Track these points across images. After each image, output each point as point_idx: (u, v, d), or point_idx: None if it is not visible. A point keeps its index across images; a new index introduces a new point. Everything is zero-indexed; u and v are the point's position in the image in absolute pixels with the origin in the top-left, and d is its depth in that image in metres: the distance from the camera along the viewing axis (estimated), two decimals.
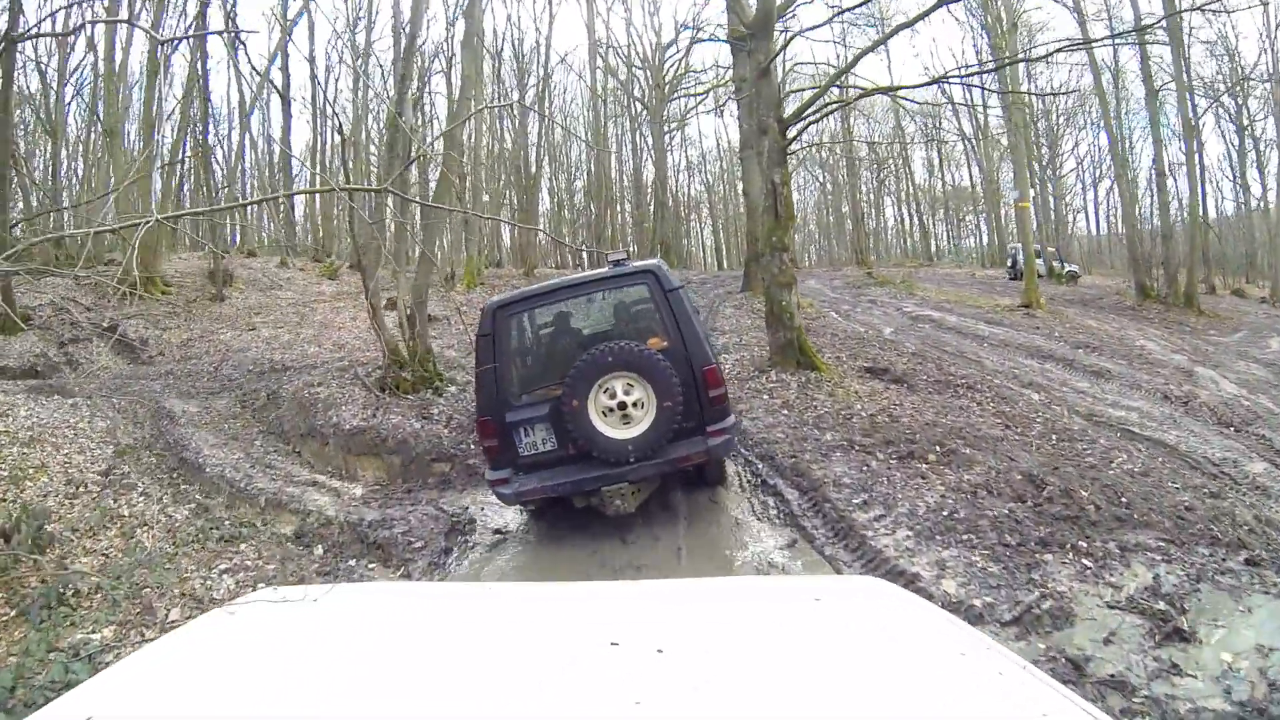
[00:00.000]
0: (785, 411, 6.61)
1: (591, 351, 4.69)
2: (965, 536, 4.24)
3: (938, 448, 5.48)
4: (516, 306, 5.09)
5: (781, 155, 7.53)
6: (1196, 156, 19.39)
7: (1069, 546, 4.39)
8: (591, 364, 4.62)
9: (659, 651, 1.09)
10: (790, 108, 8.28)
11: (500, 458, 4.88)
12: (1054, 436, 7.03)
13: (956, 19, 28.29)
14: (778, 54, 7.58)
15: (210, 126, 21.63)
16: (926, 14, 7.57)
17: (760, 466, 5.69)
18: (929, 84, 8.03)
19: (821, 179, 41.42)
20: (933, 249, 40.29)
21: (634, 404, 4.62)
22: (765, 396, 7.13)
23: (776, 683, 1.01)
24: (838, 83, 7.72)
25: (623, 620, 1.28)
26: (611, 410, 4.64)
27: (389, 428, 7.54)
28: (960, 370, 9.25)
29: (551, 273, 23.25)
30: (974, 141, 35.32)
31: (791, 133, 7.58)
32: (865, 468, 5.16)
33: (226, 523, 5.24)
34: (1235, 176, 29.95)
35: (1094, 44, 12.36)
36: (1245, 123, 26.76)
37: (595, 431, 4.61)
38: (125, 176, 14.94)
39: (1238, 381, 10.80)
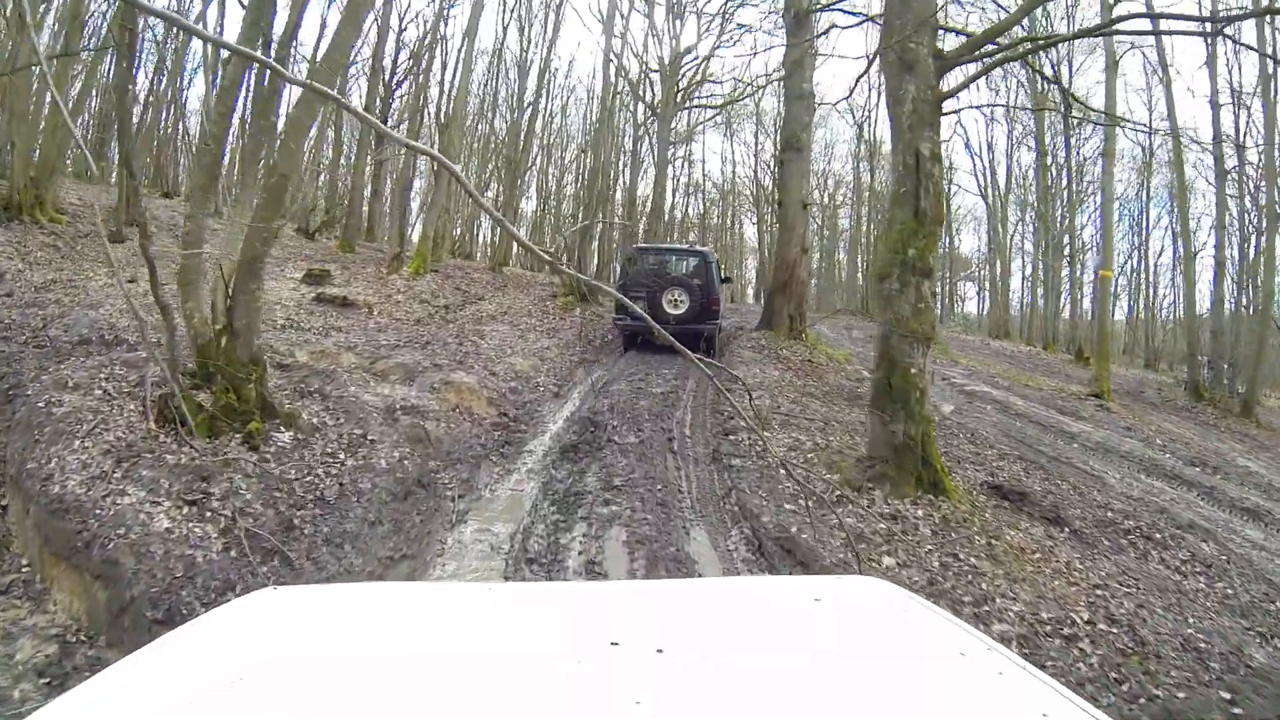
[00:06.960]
0: (939, 604, 3.40)
1: (666, 276, 11.58)
2: None
3: None
4: (645, 250, 12.96)
5: (935, 111, 4.47)
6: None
7: None
8: (666, 281, 11.38)
9: (659, 651, 1.05)
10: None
11: (620, 314, 11.90)
12: None
13: None
14: None
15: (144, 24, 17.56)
16: None
17: None
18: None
19: (819, 219, 38.68)
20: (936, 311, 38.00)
21: (679, 300, 11.12)
22: (886, 557, 3.74)
23: (777, 682, 0.98)
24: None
25: (623, 620, 1.24)
26: (672, 301, 11.11)
27: (111, 514, 3.93)
28: (1100, 497, 6.27)
29: (521, 272, 19.96)
30: (989, 202, 33.19)
31: (954, 80, 4.54)
32: None
33: None
34: None
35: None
36: None
37: (663, 309, 10.95)
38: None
39: None
